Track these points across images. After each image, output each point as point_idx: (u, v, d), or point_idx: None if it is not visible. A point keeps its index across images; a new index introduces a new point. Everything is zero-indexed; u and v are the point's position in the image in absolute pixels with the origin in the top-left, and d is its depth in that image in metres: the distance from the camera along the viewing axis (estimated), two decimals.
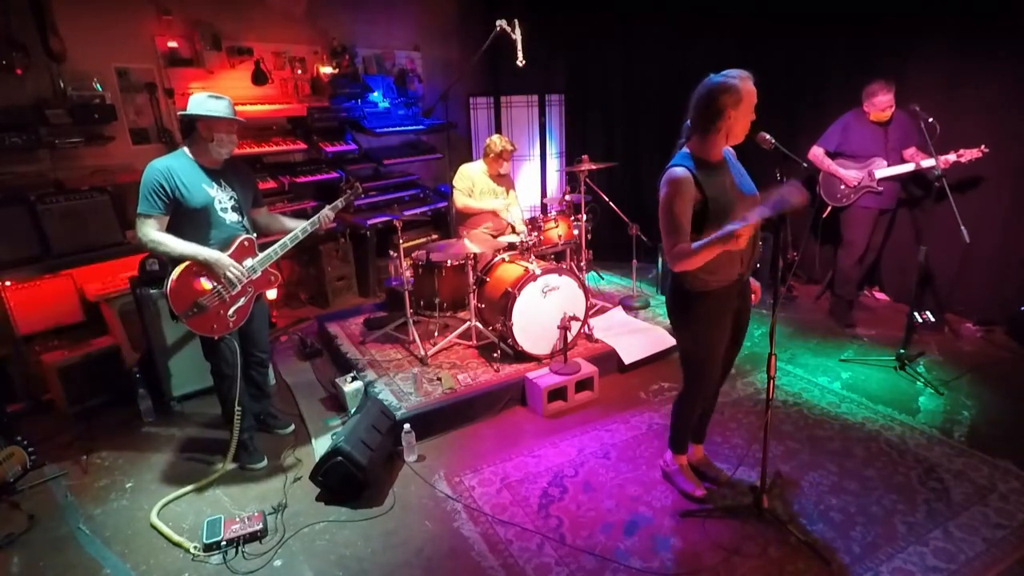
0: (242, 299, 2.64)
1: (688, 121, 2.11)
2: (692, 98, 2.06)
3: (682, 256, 2.02)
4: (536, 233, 3.86)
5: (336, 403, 3.37)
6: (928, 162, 3.63)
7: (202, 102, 2.49)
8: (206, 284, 2.52)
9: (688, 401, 2.43)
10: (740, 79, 1.98)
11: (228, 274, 2.54)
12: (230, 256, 2.57)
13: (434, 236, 5.38)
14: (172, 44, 4.21)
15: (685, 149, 2.12)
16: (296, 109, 4.76)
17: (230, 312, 2.60)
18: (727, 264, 2.09)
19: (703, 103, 2.02)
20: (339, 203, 2.95)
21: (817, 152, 4.08)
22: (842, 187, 4.03)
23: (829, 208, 4.18)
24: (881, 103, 3.76)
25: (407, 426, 2.86)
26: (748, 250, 2.12)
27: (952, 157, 3.60)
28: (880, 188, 3.92)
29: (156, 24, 4.17)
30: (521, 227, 4.14)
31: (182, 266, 2.47)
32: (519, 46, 3.94)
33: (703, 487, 2.52)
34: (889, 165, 3.87)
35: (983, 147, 3.58)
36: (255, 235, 2.74)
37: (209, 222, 2.55)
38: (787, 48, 4.68)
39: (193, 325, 2.52)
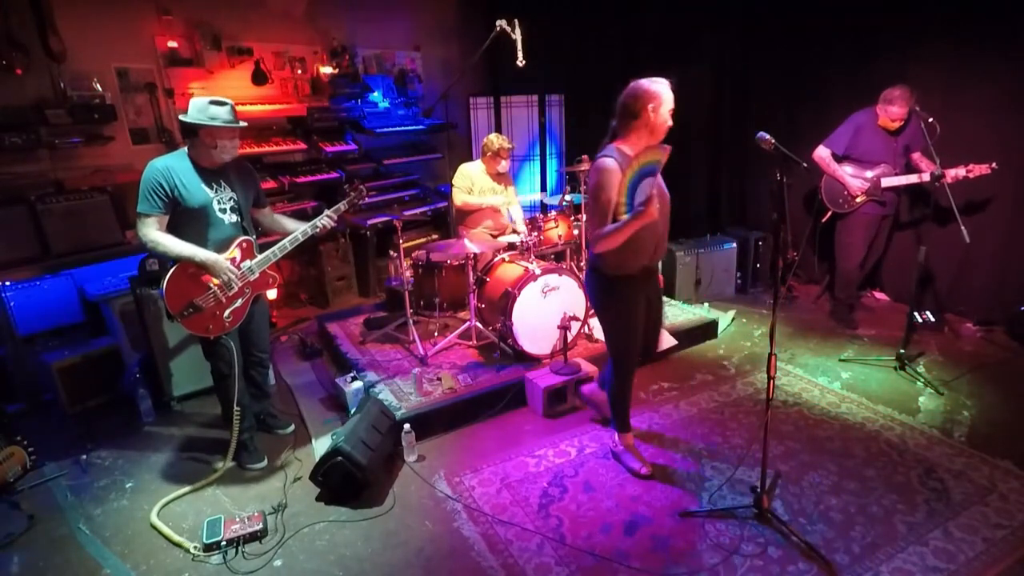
0: (239, 300, 2.64)
1: (614, 121, 2.40)
2: (618, 100, 2.37)
3: (605, 236, 2.27)
4: (536, 233, 3.86)
5: (336, 403, 3.37)
6: (928, 175, 3.58)
7: (204, 108, 2.45)
8: (202, 285, 2.52)
9: (619, 380, 2.64)
10: (654, 83, 2.32)
11: (224, 276, 2.54)
12: (227, 257, 2.56)
13: (434, 236, 5.38)
14: (172, 44, 4.22)
15: (612, 144, 2.38)
16: (296, 109, 4.75)
17: (226, 313, 2.60)
18: (640, 252, 2.37)
19: (623, 103, 2.34)
20: (341, 206, 2.89)
21: (823, 154, 3.94)
22: (845, 193, 3.91)
23: (829, 213, 4.06)
24: (897, 114, 3.64)
25: (407, 426, 2.86)
26: (656, 244, 2.40)
27: (961, 172, 3.54)
28: (884, 198, 3.84)
29: (156, 24, 4.17)
30: (522, 227, 4.14)
31: (178, 266, 2.47)
32: (519, 46, 3.94)
33: (649, 466, 2.69)
34: (896, 172, 3.78)
35: (993, 164, 3.52)
36: (255, 236, 2.73)
37: (207, 222, 2.55)
38: (788, 47, 4.68)
39: (189, 325, 2.53)
